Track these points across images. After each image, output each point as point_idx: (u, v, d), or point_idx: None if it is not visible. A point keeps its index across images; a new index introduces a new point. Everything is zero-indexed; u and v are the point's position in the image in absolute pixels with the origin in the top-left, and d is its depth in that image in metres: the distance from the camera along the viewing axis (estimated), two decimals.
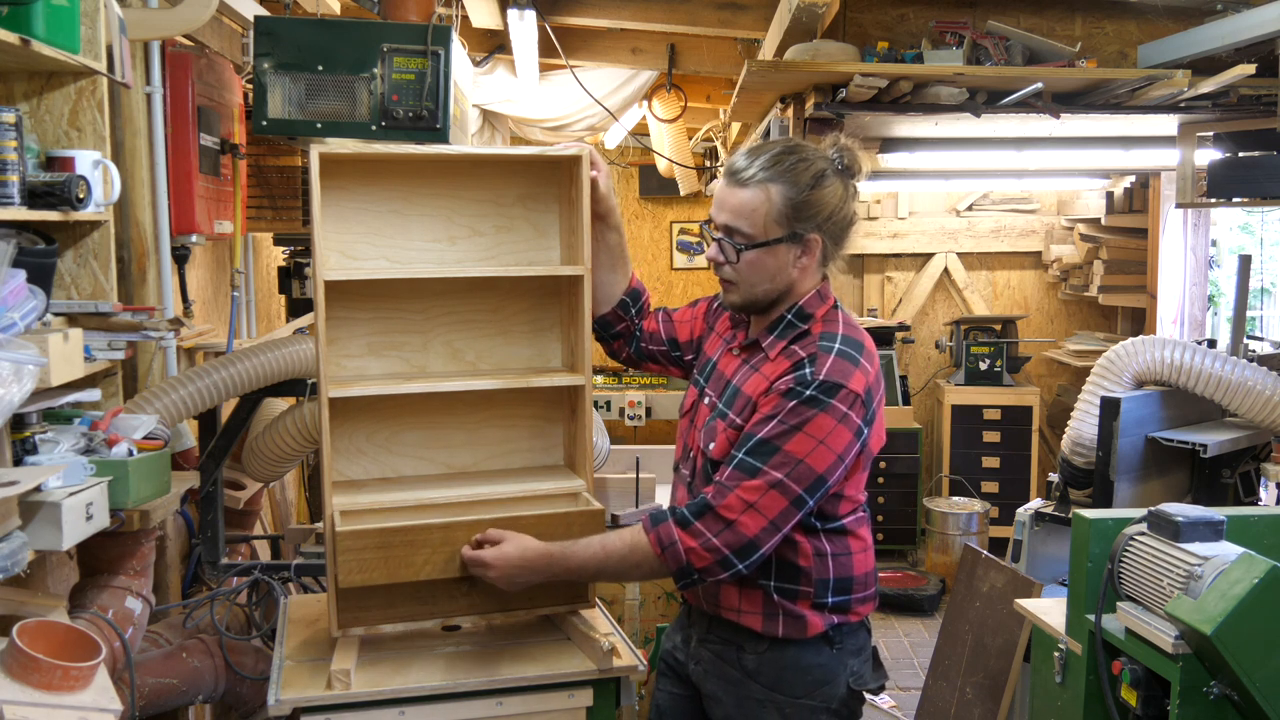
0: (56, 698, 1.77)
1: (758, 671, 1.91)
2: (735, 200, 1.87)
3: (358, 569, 1.95)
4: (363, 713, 1.93)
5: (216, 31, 3.30)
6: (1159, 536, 2.07)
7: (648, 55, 5.02)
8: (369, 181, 2.14)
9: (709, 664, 1.98)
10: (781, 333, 1.91)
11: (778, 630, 1.90)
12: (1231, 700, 1.88)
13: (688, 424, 2.05)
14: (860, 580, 1.94)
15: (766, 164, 1.85)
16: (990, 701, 3.21)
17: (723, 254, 1.89)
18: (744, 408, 1.87)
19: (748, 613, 1.91)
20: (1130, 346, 3.15)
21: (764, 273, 1.88)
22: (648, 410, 5.95)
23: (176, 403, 2.64)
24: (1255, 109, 3.71)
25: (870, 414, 1.84)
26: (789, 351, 1.87)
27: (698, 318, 2.19)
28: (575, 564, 1.90)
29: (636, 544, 1.85)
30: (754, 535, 1.77)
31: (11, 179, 2.03)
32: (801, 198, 1.85)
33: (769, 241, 1.86)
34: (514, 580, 1.93)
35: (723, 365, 2.01)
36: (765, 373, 1.87)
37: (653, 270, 7.73)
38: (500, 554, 1.92)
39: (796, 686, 1.90)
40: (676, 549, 1.80)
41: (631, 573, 1.93)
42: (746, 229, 1.86)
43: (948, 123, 3.91)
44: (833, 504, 1.88)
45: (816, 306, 1.91)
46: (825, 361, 1.81)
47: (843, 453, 1.79)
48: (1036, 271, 6.74)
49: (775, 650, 1.91)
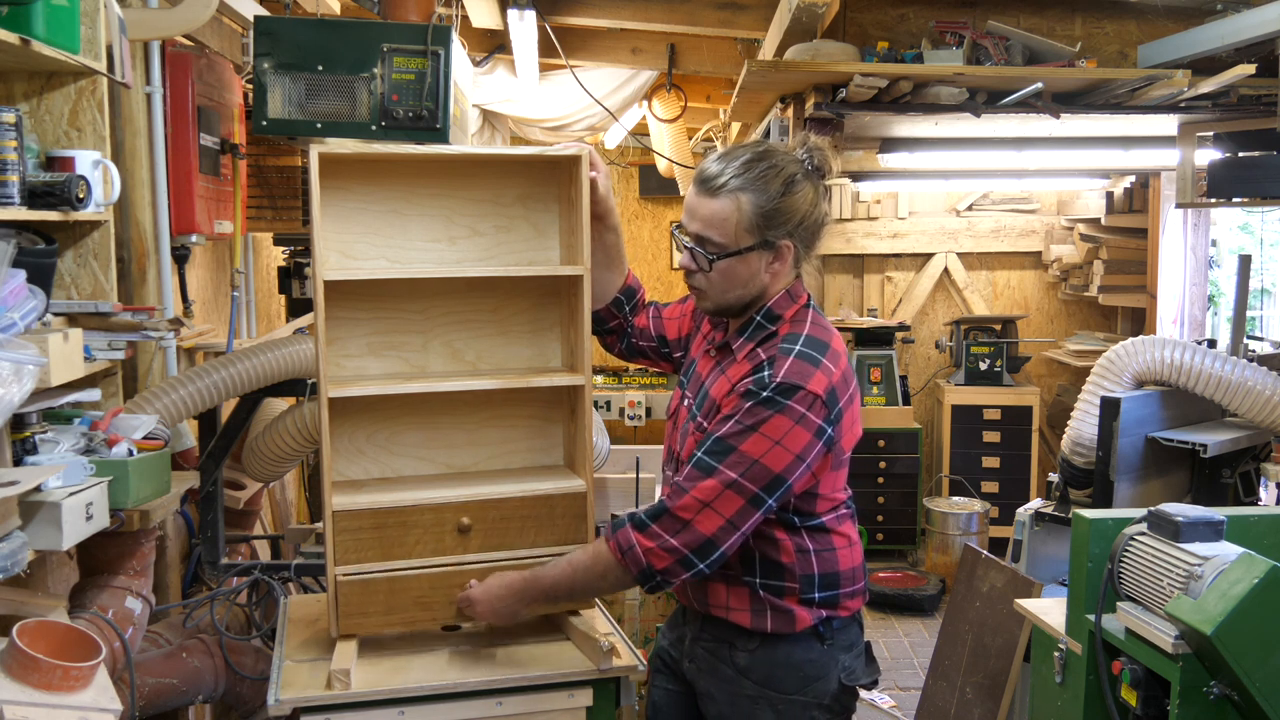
0: (56, 698, 1.77)
1: (750, 669, 1.92)
2: (706, 210, 1.86)
3: (354, 549, 2.01)
4: (363, 713, 1.93)
5: (216, 31, 3.30)
6: (1159, 536, 2.07)
7: (648, 55, 5.03)
8: (369, 181, 2.14)
9: (702, 661, 1.99)
10: (750, 334, 1.92)
11: (766, 625, 1.90)
12: (1231, 700, 1.88)
13: (671, 426, 2.07)
14: (847, 575, 1.94)
15: (738, 171, 1.84)
16: (990, 701, 3.21)
17: (694, 262, 1.90)
18: (710, 410, 1.90)
19: (736, 609, 1.92)
20: (1130, 346, 3.15)
21: (736, 280, 1.88)
22: (648, 410, 5.95)
23: (176, 403, 2.64)
24: (1255, 109, 3.72)
25: (835, 413, 1.82)
26: (752, 354, 1.88)
27: (685, 315, 2.21)
28: (548, 583, 1.95)
29: (599, 554, 1.87)
30: (711, 534, 1.78)
31: (11, 179, 2.04)
32: (772, 205, 1.84)
33: (740, 250, 1.85)
34: (498, 610, 2.00)
35: (700, 367, 2.03)
36: (730, 374, 1.89)
37: (652, 270, 7.73)
38: (483, 588, 2.02)
39: (788, 683, 1.91)
40: (635, 552, 1.81)
41: (599, 583, 1.93)
42: (718, 239, 1.85)
43: (948, 123, 3.91)
44: (809, 503, 1.89)
45: (785, 307, 1.91)
46: (784, 363, 1.81)
47: (801, 453, 1.79)
48: (1036, 271, 6.74)
49: (767, 647, 1.91)
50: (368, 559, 2.03)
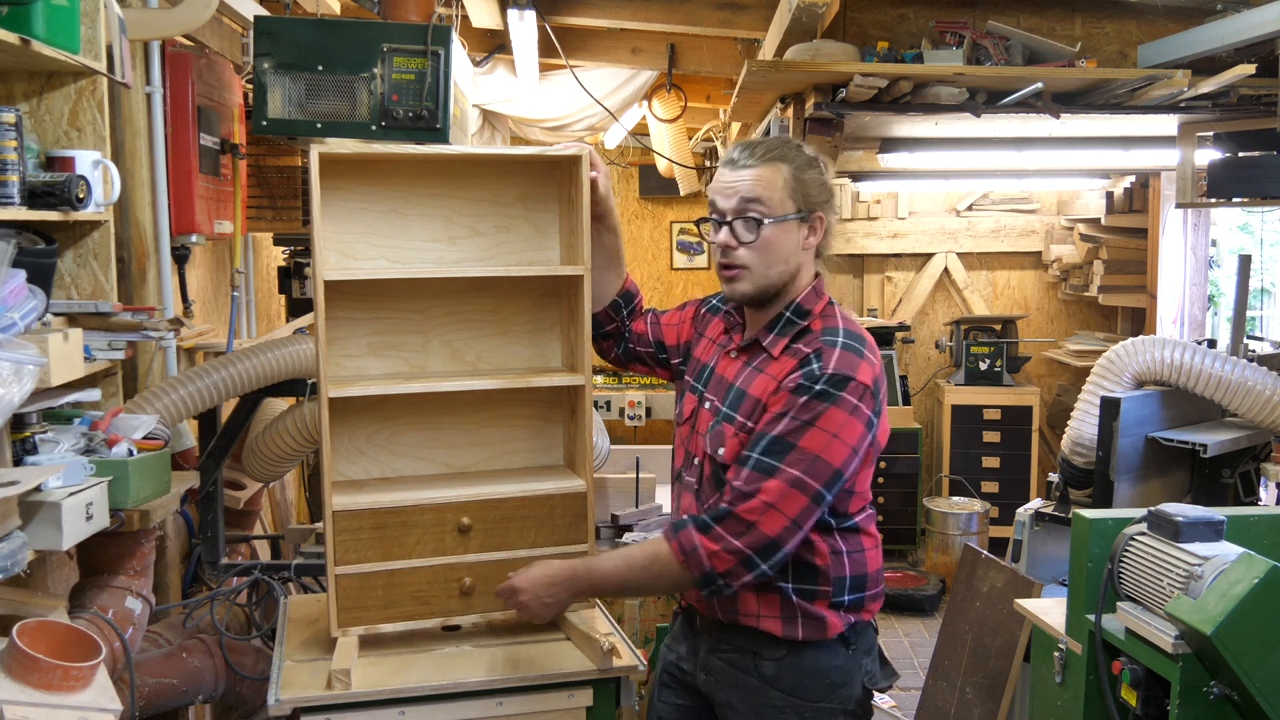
0: (56, 698, 1.77)
1: (776, 677, 1.89)
2: (749, 176, 1.87)
3: (354, 549, 2.01)
4: (363, 713, 1.93)
5: (216, 31, 3.30)
6: (1159, 536, 2.07)
7: (648, 55, 5.03)
8: (369, 181, 2.14)
9: (722, 673, 1.95)
10: (782, 330, 1.90)
11: (798, 633, 1.88)
12: (1231, 700, 1.88)
13: (689, 431, 2.03)
14: (873, 577, 1.95)
15: (769, 146, 1.89)
16: (990, 701, 3.21)
17: (736, 237, 1.87)
18: (752, 410, 1.87)
19: (767, 617, 1.89)
20: (1130, 346, 3.15)
21: (779, 253, 1.88)
22: (648, 410, 5.95)
23: (176, 403, 2.64)
24: (1255, 109, 3.72)
25: (878, 406, 1.84)
26: (793, 350, 1.86)
27: (685, 322, 2.18)
28: (599, 576, 1.91)
29: (658, 554, 1.83)
30: (776, 535, 1.76)
31: (11, 179, 2.04)
32: (805, 175, 1.89)
33: (785, 216, 1.87)
34: (543, 601, 1.93)
35: (721, 369, 2.00)
36: (771, 372, 1.87)
37: (652, 270, 7.73)
38: (528, 576, 1.94)
39: (815, 690, 1.89)
40: (699, 554, 1.78)
41: (654, 584, 1.91)
42: (763, 204, 1.86)
43: (948, 123, 3.91)
44: (845, 501, 1.88)
45: (814, 303, 1.92)
46: (832, 355, 1.81)
47: (856, 445, 1.79)
48: (1036, 271, 6.74)
49: (794, 654, 1.89)
50: (368, 559, 2.03)
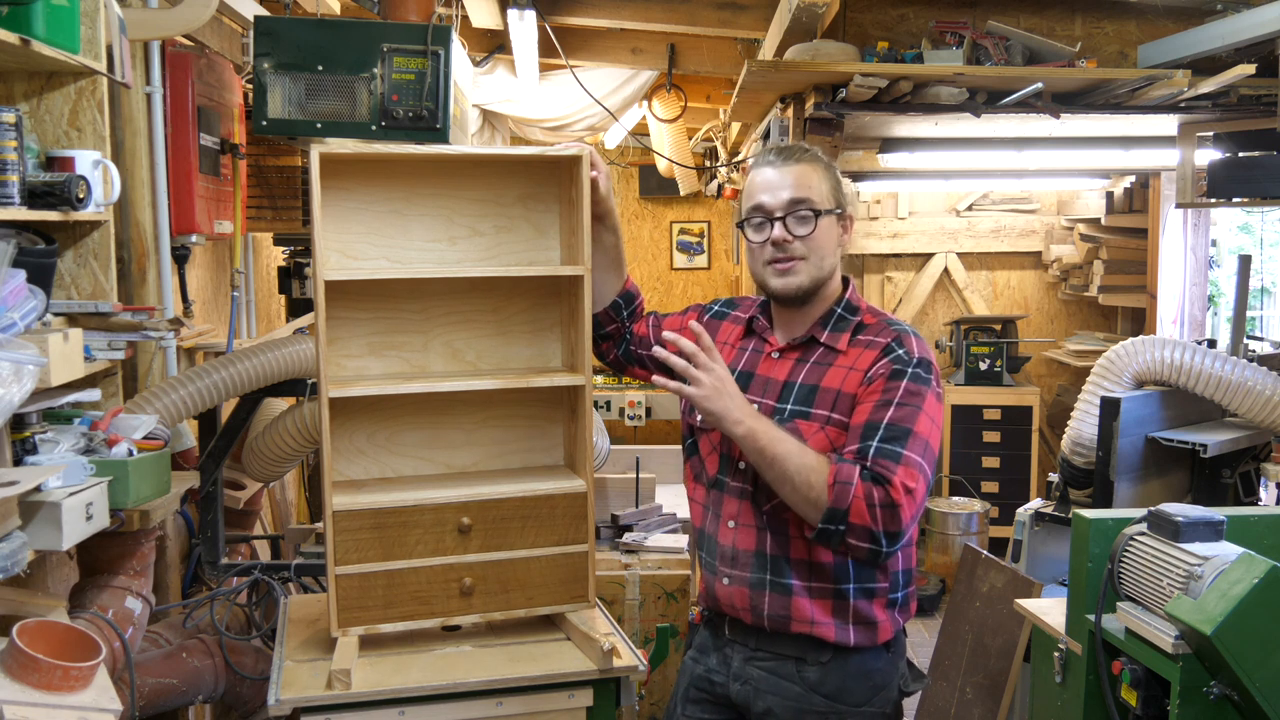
0: (56, 698, 1.77)
1: (821, 683, 1.89)
2: (797, 171, 1.91)
3: (354, 549, 2.01)
4: (363, 713, 1.93)
5: (216, 31, 3.30)
6: (1159, 536, 2.07)
7: (648, 55, 5.03)
8: (369, 181, 2.14)
9: (761, 681, 1.93)
10: (837, 326, 1.93)
11: (849, 639, 1.87)
12: (1231, 700, 1.88)
13: (721, 436, 1.96)
14: (915, 574, 1.98)
15: (799, 149, 1.95)
16: (990, 701, 3.21)
17: (792, 230, 1.89)
18: (833, 402, 1.85)
19: (821, 623, 1.87)
20: (1130, 346, 3.15)
21: (829, 245, 1.92)
22: (648, 410, 5.95)
23: (176, 403, 2.64)
24: (1255, 109, 3.72)
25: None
26: (866, 342, 1.89)
27: (687, 327, 2.15)
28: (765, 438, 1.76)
29: (819, 466, 1.75)
30: (906, 522, 1.74)
31: (11, 179, 2.04)
32: (834, 176, 1.95)
33: (832, 210, 1.92)
34: (714, 399, 1.76)
35: (764, 370, 1.97)
36: (851, 365, 1.87)
37: (652, 270, 7.72)
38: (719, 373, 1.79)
39: (859, 694, 1.89)
40: (847, 490, 1.72)
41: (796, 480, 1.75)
42: (816, 197, 1.90)
43: (948, 123, 3.91)
44: None
45: (858, 299, 1.98)
46: (911, 341, 1.87)
47: (940, 428, 1.82)
48: (1036, 271, 6.74)
49: (839, 659, 1.89)
50: (368, 559, 2.03)
